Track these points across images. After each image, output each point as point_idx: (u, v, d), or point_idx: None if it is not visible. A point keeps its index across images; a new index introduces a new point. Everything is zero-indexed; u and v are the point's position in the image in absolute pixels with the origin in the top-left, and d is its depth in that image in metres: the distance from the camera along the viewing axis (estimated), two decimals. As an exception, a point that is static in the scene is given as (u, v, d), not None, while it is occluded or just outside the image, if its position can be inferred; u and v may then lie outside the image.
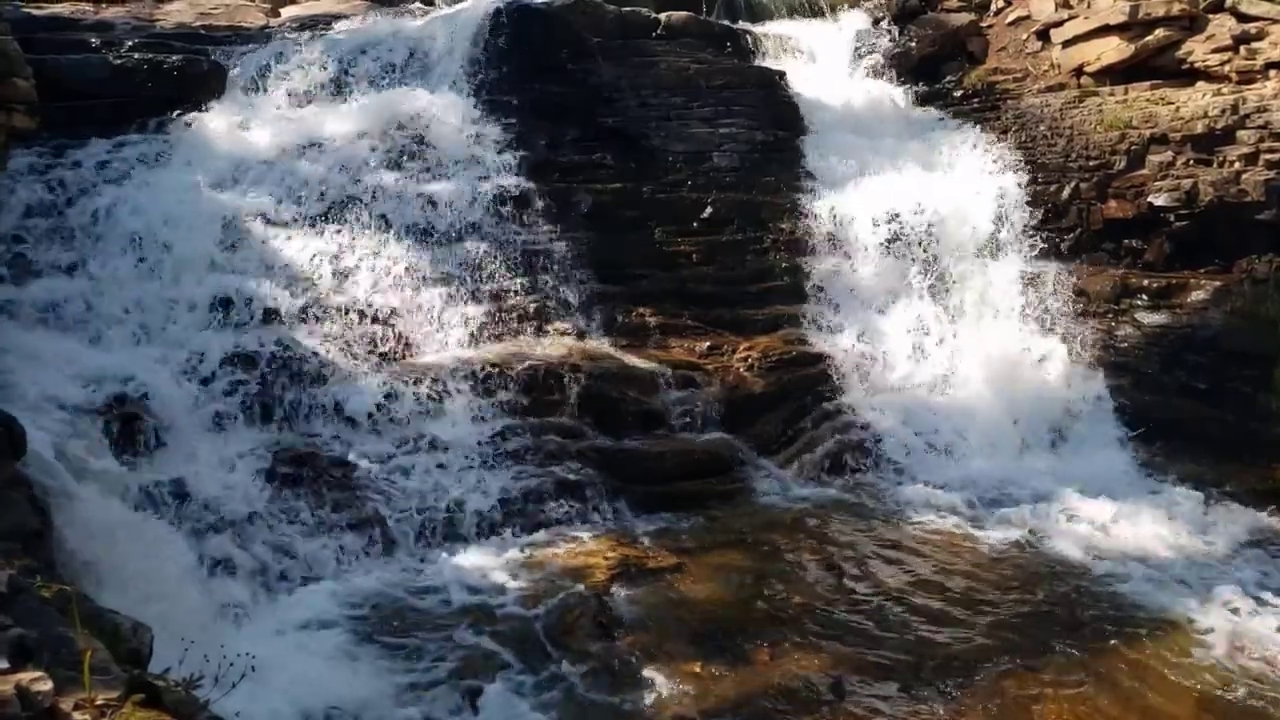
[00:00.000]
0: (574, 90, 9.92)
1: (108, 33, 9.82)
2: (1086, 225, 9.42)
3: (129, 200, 8.03)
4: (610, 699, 5.13)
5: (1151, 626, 5.83)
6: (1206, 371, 8.40)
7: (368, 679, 5.22)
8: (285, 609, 5.92)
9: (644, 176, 9.56)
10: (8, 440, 4.91)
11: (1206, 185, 8.82)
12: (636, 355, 8.29)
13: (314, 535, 6.45)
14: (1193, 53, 9.48)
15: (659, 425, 7.91)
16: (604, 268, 8.86)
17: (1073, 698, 5.14)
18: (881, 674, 5.35)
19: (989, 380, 8.67)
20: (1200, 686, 5.26)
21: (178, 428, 6.70)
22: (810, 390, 8.46)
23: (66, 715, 2.43)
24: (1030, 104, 10.19)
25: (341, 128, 9.20)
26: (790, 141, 10.23)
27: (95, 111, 8.75)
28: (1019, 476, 7.93)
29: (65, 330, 7.23)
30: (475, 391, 7.56)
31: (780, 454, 8.06)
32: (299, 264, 8.10)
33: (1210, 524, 7.18)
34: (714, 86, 10.29)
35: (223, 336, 7.43)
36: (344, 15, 11.02)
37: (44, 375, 6.53)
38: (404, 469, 7.03)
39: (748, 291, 9.14)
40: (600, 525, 7.06)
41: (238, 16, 11.09)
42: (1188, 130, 8.97)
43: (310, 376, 7.32)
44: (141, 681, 2.75)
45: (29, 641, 2.65)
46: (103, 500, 5.55)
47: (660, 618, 5.87)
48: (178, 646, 3.69)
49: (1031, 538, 6.96)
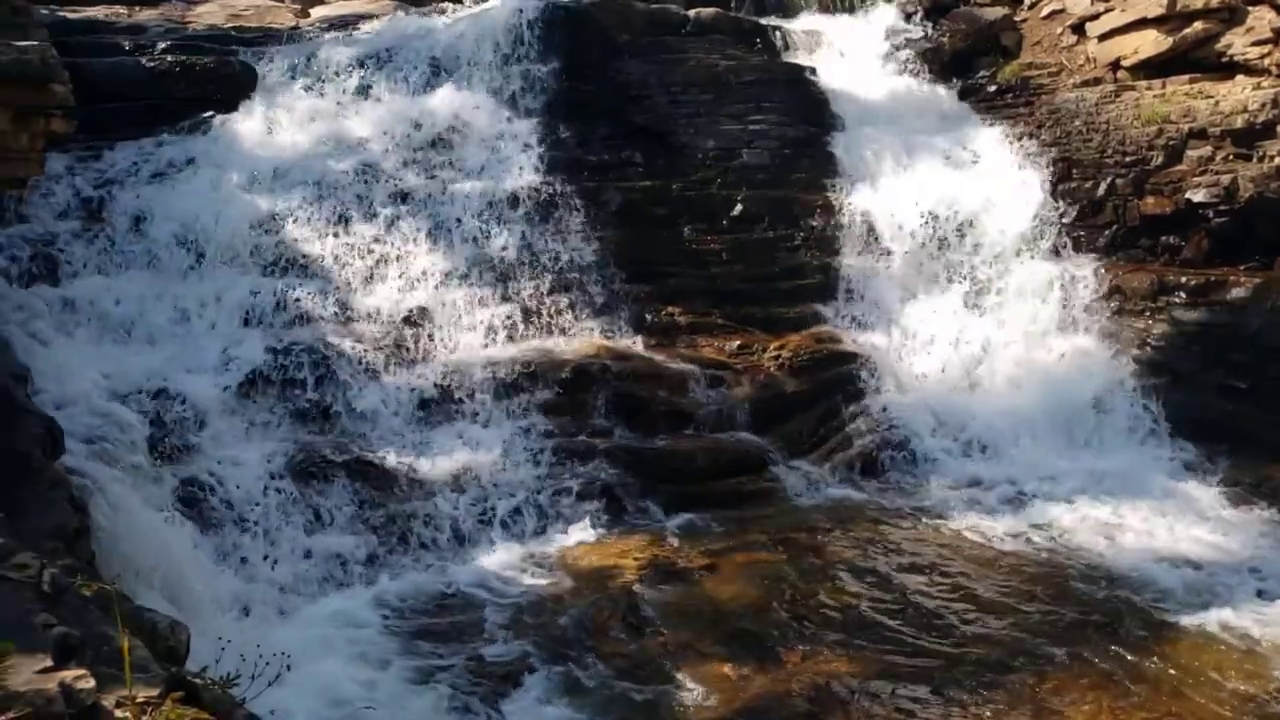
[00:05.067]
0: (603, 88, 9.90)
1: (140, 35, 9.93)
2: (1123, 221, 9.27)
3: (162, 201, 8.13)
4: (640, 699, 5.13)
5: (1188, 628, 5.75)
6: (1246, 370, 8.25)
7: (398, 677, 5.25)
8: (316, 608, 5.97)
9: (673, 174, 9.53)
10: (49, 441, 4.98)
11: (1246, 180, 8.65)
12: (666, 354, 8.27)
13: (344, 534, 6.50)
14: (1232, 45, 9.30)
15: (689, 424, 7.89)
16: (633, 266, 8.85)
17: (1108, 700, 5.08)
18: (913, 676, 5.31)
19: (1022, 379, 8.56)
20: (1237, 689, 5.17)
21: (210, 427, 6.77)
22: (841, 389, 8.39)
23: (108, 712, 2.46)
24: (1065, 99, 10.04)
25: (370, 127, 9.24)
26: (821, 138, 10.15)
27: (129, 114, 8.86)
28: (1053, 476, 7.82)
29: (99, 331, 7.34)
30: (505, 391, 7.57)
31: (812, 453, 8.01)
32: (329, 264, 8.16)
33: (1249, 525, 7.06)
34: (744, 83, 10.23)
35: (253, 336, 7.50)
36: (373, 15, 11.07)
37: (79, 376, 6.62)
38: (433, 468, 7.05)
39: (778, 289, 9.08)
40: (630, 525, 7.05)
41: (268, 17, 11.18)
42: (1227, 125, 8.81)
43: (340, 376, 7.36)
44: (180, 679, 2.77)
45: (72, 640, 2.68)
46: (137, 500, 5.61)
47: (690, 618, 5.85)
48: (213, 645, 3.73)
49: (1065, 538, 6.87)
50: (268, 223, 8.25)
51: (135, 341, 7.34)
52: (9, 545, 3.29)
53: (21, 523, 4.10)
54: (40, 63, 5.64)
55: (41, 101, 5.81)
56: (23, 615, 2.79)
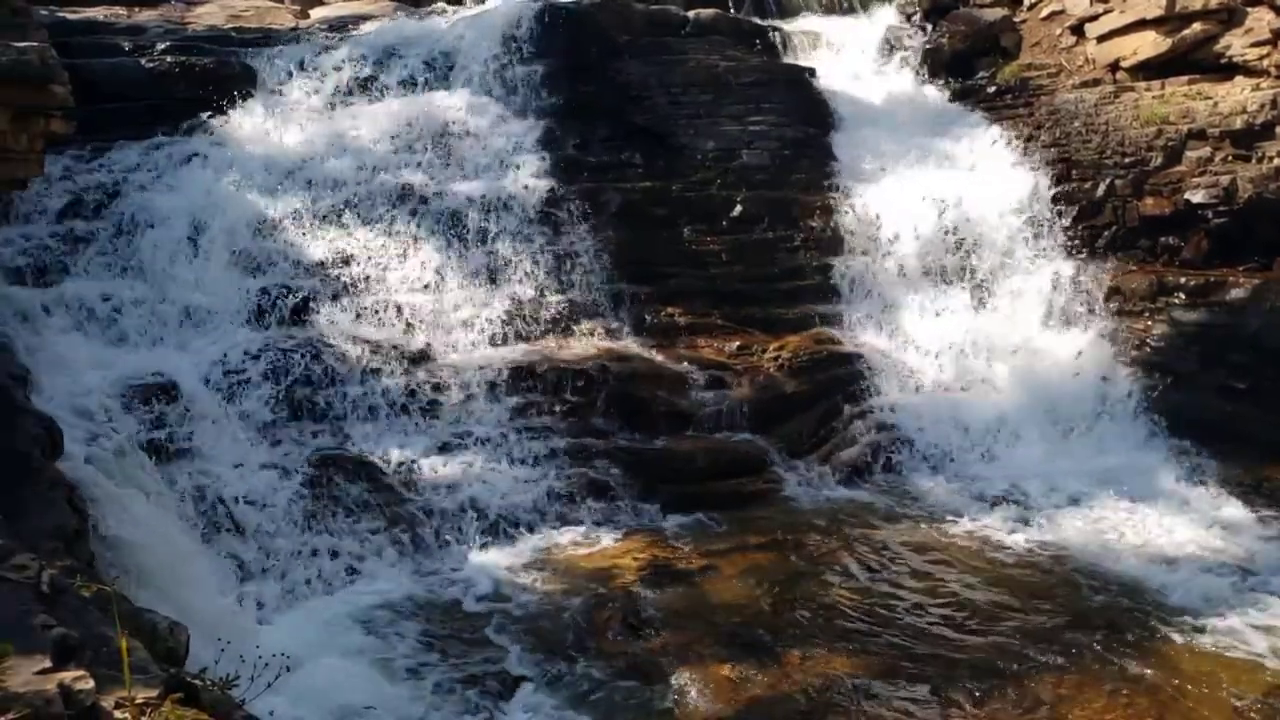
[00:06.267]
0: (603, 89, 9.90)
1: (140, 36, 9.93)
2: (1122, 222, 9.27)
3: (161, 202, 8.12)
4: (640, 699, 5.13)
5: (1186, 629, 5.75)
6: (1245, 370, 8.25)
7: (397, 679, 5.24)
8: (314, 609, 5.97)
9: (673, 175, 9.53)
10: (47, 442, 4.98)
11: (1245, 181, 8.66)
12: (666, 355, 8.27)
13: (342, 535, 6.50)
14: (1231, 47, 9.31)
15: (688, 425, 7.89)
16: (633, 267, 8.85)
17: (1106, 702, 5.08)
18: (913, 676, 5.31)
19: (1022, 380, 8.56)
20: (1236, 691, 5.17)
21: (208, 427, 6.77)
22: (841, 390, 8.39)
23: (107, 713, 2.46)
24: (1065, 100, 10.05)
25: (370, 128, 9.24)
26: (820, 138, 10.15)
27: (129, 114, 8.87)
28: (1052, 477, 7.81)
29: (98, 331, 7.33)
30: (504, 391, 7.57)
31: (812, 454, 8.00)
32: (329, 264, 8.16)
33: (1248, 526, 7.05)
34: (743, 84, 10.23)
35: (253, 336, 7.50)
36: (372, 16, 11.08)
37: (78, 376, 6.63)
38: (432, 469, 7.06)
39: (777, 290, 9.08)
40: (629, 525, 7.05)
41: (267, 18, 11.19)
42: (1226, 125, 8.82)
43: (339, 376, 7.36)
44: (179, 680, 2.77)
45: (71, 641, 2.68)
46: (135, 500, 5.60)
47: (690, 618, 5.85)
48: (212, 646, 3.72)
49: (1065, 539, 6.86)
50: (267, 223, 8.25)
51: (135, 342, 7.33)
52: (8, 546, 3.29)
53: (20, 523, 4.10)
54: (40, 63, 5.63)
55: (41, 102, 5.80)
56: (22, 616, 2.79)
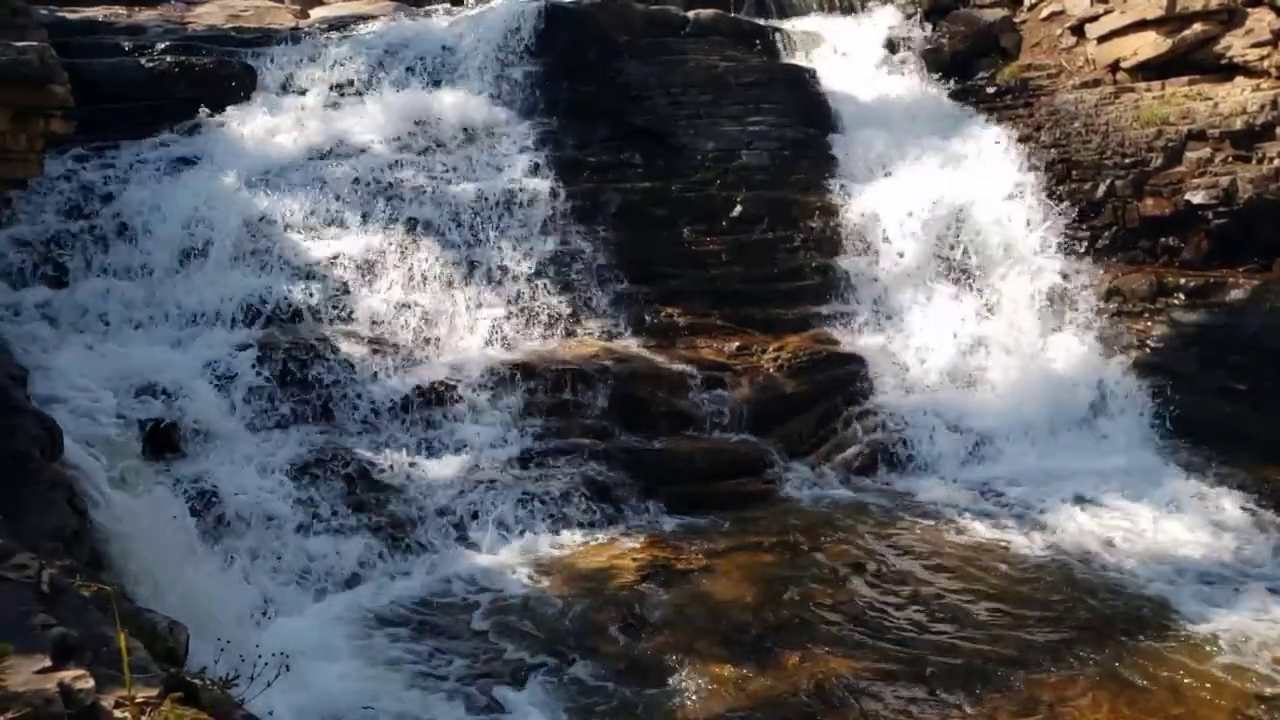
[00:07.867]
0: (603, 89, 9.91)
1: (140, 36, 9.93)
2: (1122, 223, 9.28)
3: (161, 202, 8.12)
4: (639, 699, 5.12)
5: (1186, 629, 5.74)
6: (1245, 371, 8.26)
7: (397, 679, 5.24)
8: (314, 608, 5.96)
9: (673, 175, 9.53)
10: (47, 442, 4.98)
11: (1245, 182, 8.67)
12: (665, 355, 8.26)
13: (342, 536, 6.48)
14: (1231, 47, 9.32)
15: (688, 425, 7.89)
16: (633, 267, 8.85)
17: (1107, 701, 5.07)
18: (913, 676, 5.31)
19: (1021, 380, 8.56)
20: (1236, 691, 5.17)
21: (207, 427, 6.76)
22: (841, 390, 8.40)
23: (107, 713, 2.46)
24: (1065, 100, 10.05)
25: (369, 128, 9.24)
26: (820, 139, 10.16)
27: (129, 114, 8.86)
28: (1051, 477, 7.82)
29: (98, 332, 7.33)
30: (504, 392, 7.56)
31: (811, 455, 8.01)
32: (328, 264, 8.15)
33: (1248, 527, 7.05)
34: (743, 84, 10.24)
35: (252, 336, 7.48)
36: (372, 16, 11.07)
37: (77, 377, 6.62)
38: (432, 469, 7.05)
39: (777, 290, 9.09)
40: (629, 526, 7.05)
41: (267, 18, 11.17)
42: (1226, 126, 8.82)
43: (338, 377, 7.34)
44: (179, 680, 2.77)
45: (71, 640, 2.68)
46: (134, 500, 5.60)
47: (689, 618, 5.85)
48: (212, 646, 3.72)
49: (1064, 539, 6.86)
50: (267, 223, 8.25)
51: (135, 342, 7.33)
52: (8, 546, 3.28)
53: (20, 523, 4.10)
54: (40, 63, 5.63)
55: (41, 102, 5.80)
56: (22, 616, 2.79)
